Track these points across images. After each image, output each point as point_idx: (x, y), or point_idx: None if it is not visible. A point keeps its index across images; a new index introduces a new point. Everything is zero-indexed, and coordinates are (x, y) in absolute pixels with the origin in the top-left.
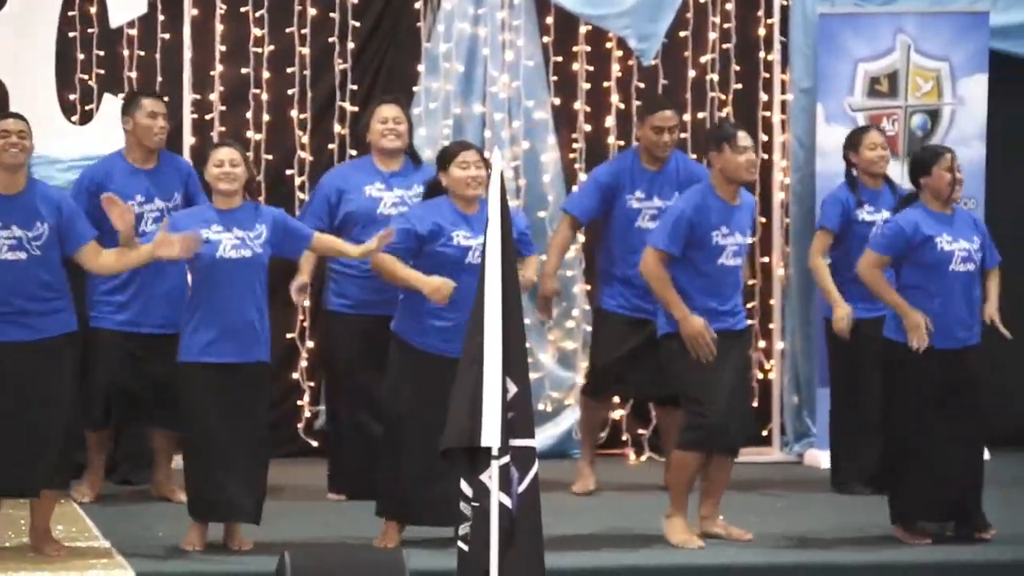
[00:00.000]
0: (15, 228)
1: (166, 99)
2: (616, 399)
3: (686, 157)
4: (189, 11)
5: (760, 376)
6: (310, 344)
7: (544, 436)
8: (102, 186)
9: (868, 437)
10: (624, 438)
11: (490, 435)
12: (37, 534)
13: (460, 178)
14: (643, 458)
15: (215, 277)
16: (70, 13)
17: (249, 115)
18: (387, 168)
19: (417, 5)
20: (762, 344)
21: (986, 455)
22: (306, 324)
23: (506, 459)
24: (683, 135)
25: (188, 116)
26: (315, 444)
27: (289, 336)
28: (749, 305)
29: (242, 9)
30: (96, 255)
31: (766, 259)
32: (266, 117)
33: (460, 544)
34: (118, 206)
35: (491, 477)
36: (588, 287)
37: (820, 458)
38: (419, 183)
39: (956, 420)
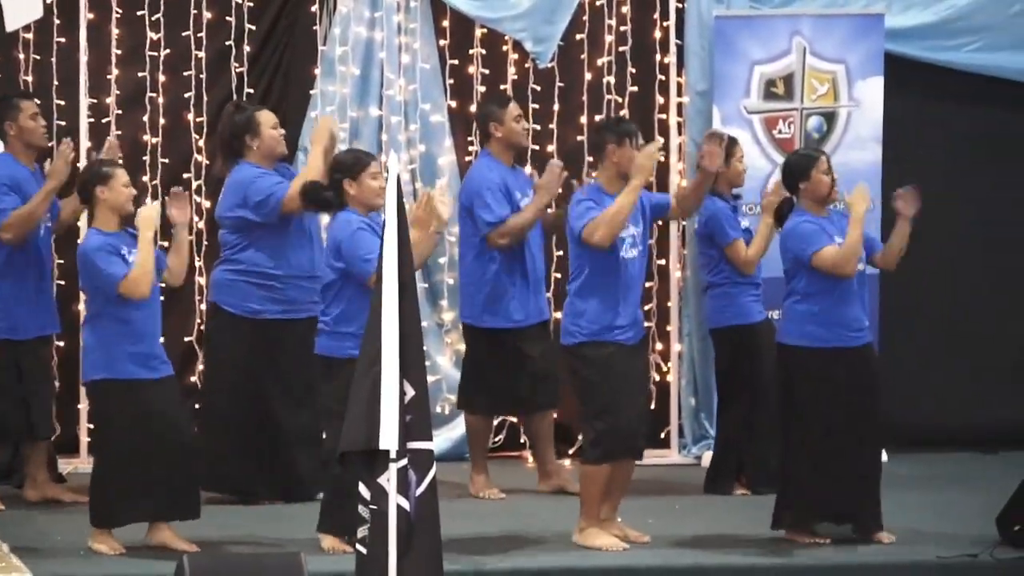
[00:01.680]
0: None
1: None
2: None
3: None
4: (85, 15)
5: (658, 379)
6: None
7: (441, 439)
8: (21, 186)
9: (750, 440)
10: (523, 440)
11: (388, 438)
12: None
13: (373, 188)
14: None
15: None
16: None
17: (146, 118)
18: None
19: (313, 8)
20: (659, 347)
21: (884, 457)
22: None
23: (404, 462)
24: (579, 137)
25: (85, 120)
26: None
27: (187, 339)
28: (646, 307)
29: (138, 13)
30: None
31: (663, 261)
32: (162, 121)
33: (359, 547)
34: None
35: (389, 480)
36: None
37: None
38: None
39: (854, 421)
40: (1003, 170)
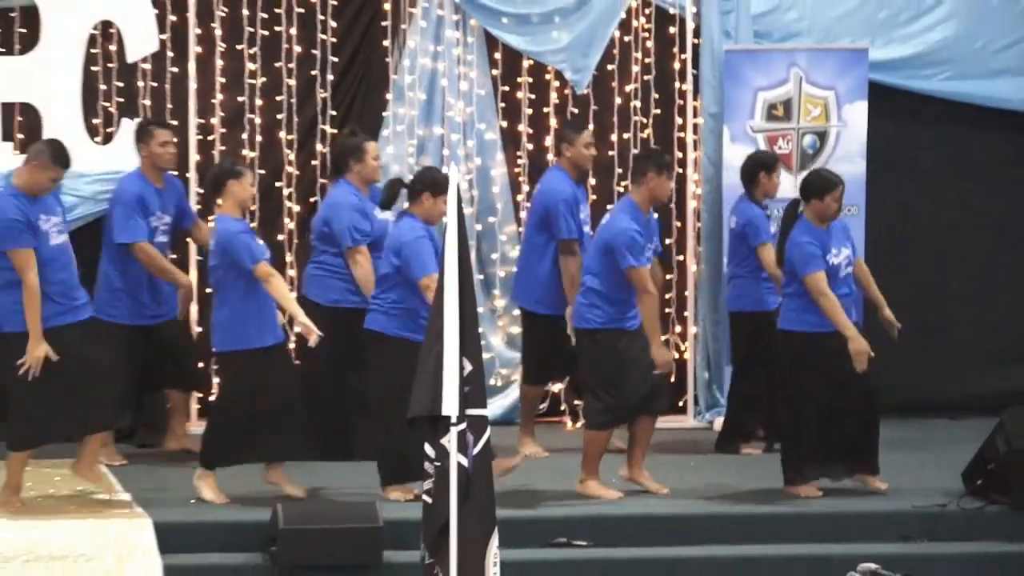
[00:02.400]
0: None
1: (175, 123)
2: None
3: None
4: (193, 48)
5: (676, 356)
6: None
7: (494, 407)
8: (142, 200)
9: (766, 407)
10: (562, 408)
11: (450, 405)
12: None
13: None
14: (578, 425)
15: None
16: (93, 50)
17: (245, 136)
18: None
19: (386, 43)
20: (678, 329)
21: None
22: None
23: (463, 426)
24: (610, 153)
25: (193, 137)
26: None
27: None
28: (667, 296)
29: (238, 47)
30: None
31: (681, 257)
32: (259, 138)
33: (424, 497)
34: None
35: (450, 441)
36: None
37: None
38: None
39: (849, 391)
40: (969, 181)
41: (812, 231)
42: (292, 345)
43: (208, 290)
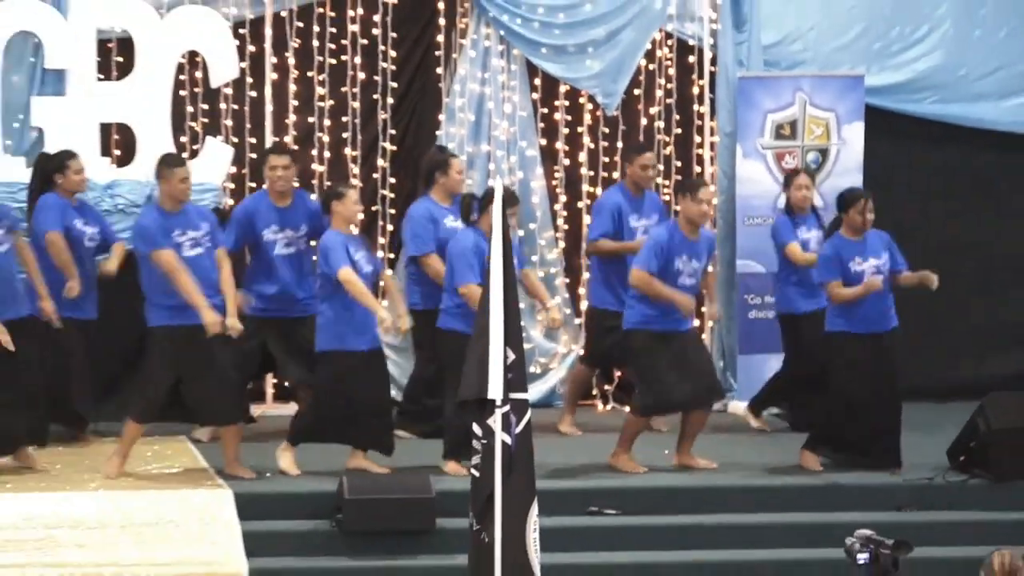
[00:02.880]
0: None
1: (295, 148)
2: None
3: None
4: (269, 75)
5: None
6: None
7: (534, 391)
8: (251, 217)
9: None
10: (594, 392)
11: (495, 390)
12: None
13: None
14: (608, 407)
15: None
16: (181, 77)
17: (314, 152)
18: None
19: (439, 71)
20: (696, 323)
21: None
22: None
23: (506, 408)
24: None
25: None
26: None
27: None
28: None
29: (308, 73)
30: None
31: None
32: (327, 154)
33: (472, 471)
34: None
35: (495, 421)
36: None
37: (740, 407)
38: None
39: (879, 385)
40: (952, 191)
41: (836, 242)
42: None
43: None
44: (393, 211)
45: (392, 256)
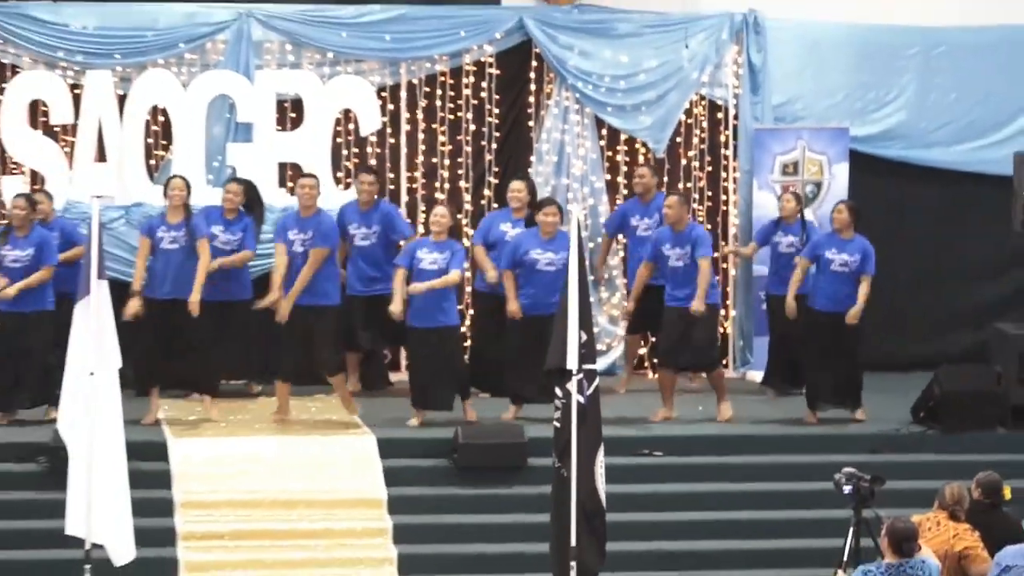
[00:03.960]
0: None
1: (376, 171)
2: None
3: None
4: (404, 127)
5: (722, 330)
6: None
7: (601, 363)
8: (343, 219)
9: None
10: (645, 364)
11: (572, 362)
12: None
13: (542, 221)
14: (655, 376)
15: None
16: (338, 128)
17: (437, 184)
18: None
19: (530, 123)
20: (723, 312)
21: None
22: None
23: (580, 376)
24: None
25: (404, 185)
26: None
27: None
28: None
29: (432, 125)
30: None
31: (725, 265)
32: (447, 186)
33: (555, 423)
34: None
35: (572, 385)
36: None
37: (755, 376)
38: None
39: (837, 350)
40: (915, 213)
41: (829, 236)
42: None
43: None
44: None
45: None
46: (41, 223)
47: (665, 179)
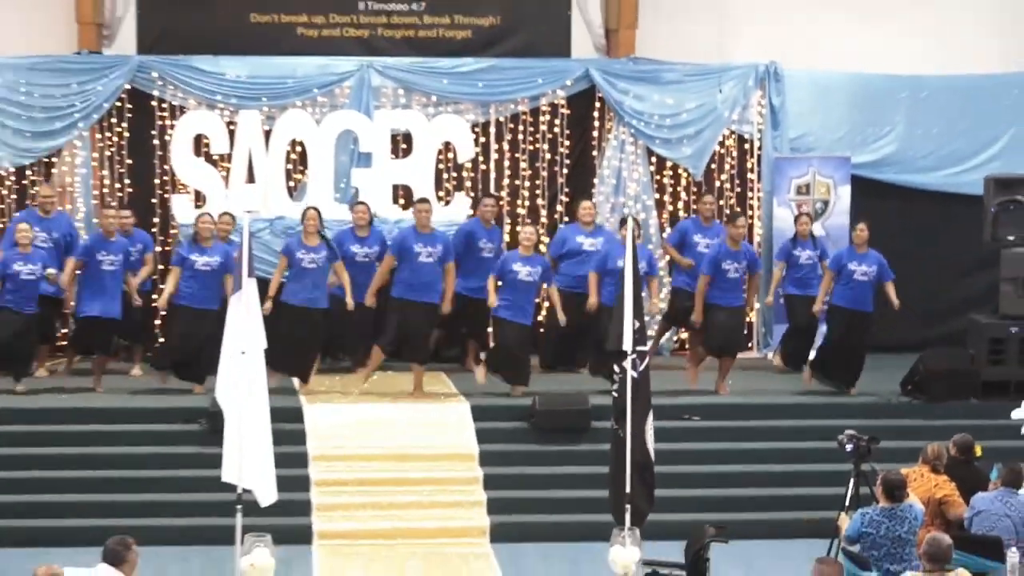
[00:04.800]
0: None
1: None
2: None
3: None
4: (492, 155)
5: (751, 320)
6: None
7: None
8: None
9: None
10: (686, 346)
11: (627, 344)
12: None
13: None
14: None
15: None
16: (439, 156)
17: (519, 202)
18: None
19: (594, 153)
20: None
21: None
22: None
23: (634, 355)
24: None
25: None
26: None
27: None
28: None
29: (516, 155)
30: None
31: None
32: (527, 203)
33: (613, 393)
34: None
35: (628, 363)
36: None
37: (776, 358)
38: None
39: (851, 341)
40: (905, 225)
41: (850, 250)
42: None
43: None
44: None
45: None
46: (123, 234)
47: (743, 218)
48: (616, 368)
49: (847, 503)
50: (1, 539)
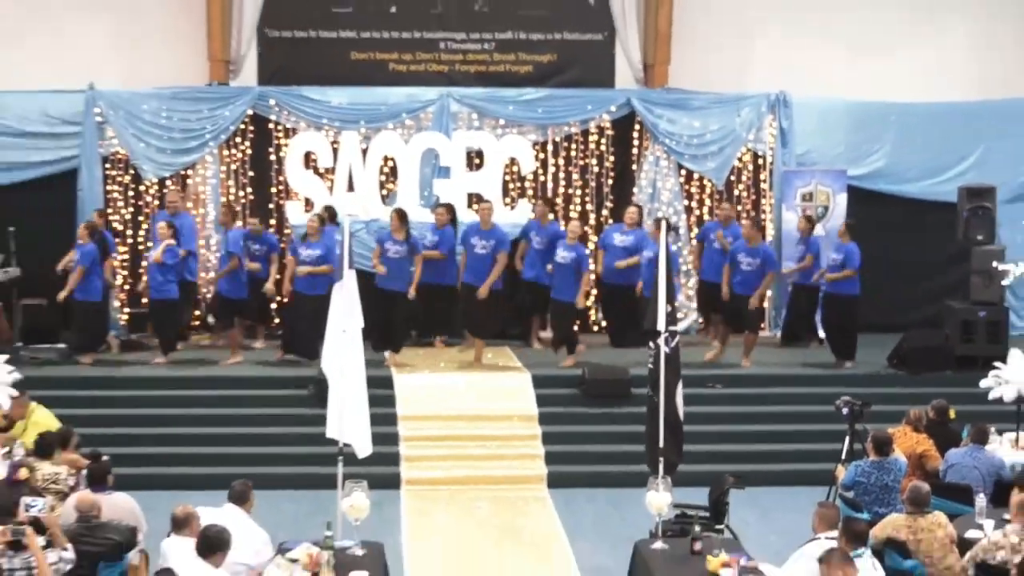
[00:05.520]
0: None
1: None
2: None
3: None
4: (550, 168)
5: (765, 306)
6: None
7: (680, 326)
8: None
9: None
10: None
11: (661, 324)
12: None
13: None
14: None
15: None
16: (506, 169)
17: (571, 207)
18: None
19: (634, 167)
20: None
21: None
22: None
23: (667, 334)
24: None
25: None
26: None
27: None
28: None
29: (568, 168)
30: None
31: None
32: (578, 208)
33: (649, 365)
34: None
35: (661, 340)
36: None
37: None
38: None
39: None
40: (892, 227)
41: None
42: None
43: None
44: None
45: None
46: (255, 234)
47: (724, 204)
48: (651, 344)
49: (843, 457)
50: (148, 483)
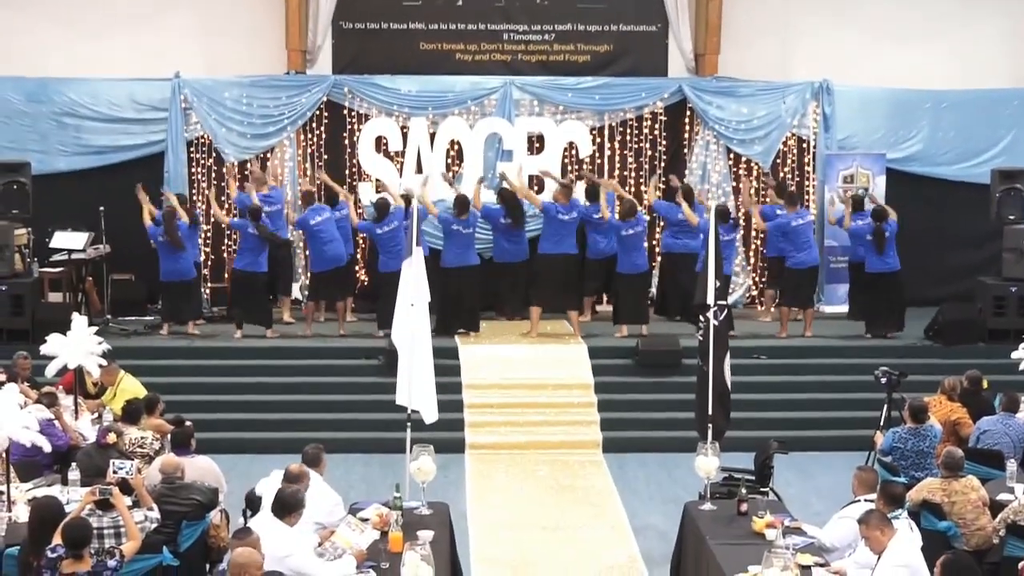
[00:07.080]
0: None
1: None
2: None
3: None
4: (606, 151)
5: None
6: None
7: (730, 299)
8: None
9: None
10: (760, 300)
11: (711, 298)
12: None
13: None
14: (772, 309)
15: None
16: (565, 152)
17: (627, 188)
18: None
19: (685, 150)
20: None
21: None
22: None
23: (715, 308)
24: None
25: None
26: None
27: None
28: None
29: (624, 152)
30: None
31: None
32: (633, 189)
33: (699, 337)
34: None
35: (711, 314)
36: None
37: (825, 309)
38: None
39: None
40: (927, 206)
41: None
42: None
43: None
44: None
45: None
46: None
47: (771, 183)
48: (701, 318)
49: (881, 424)
50: (229, 447)
